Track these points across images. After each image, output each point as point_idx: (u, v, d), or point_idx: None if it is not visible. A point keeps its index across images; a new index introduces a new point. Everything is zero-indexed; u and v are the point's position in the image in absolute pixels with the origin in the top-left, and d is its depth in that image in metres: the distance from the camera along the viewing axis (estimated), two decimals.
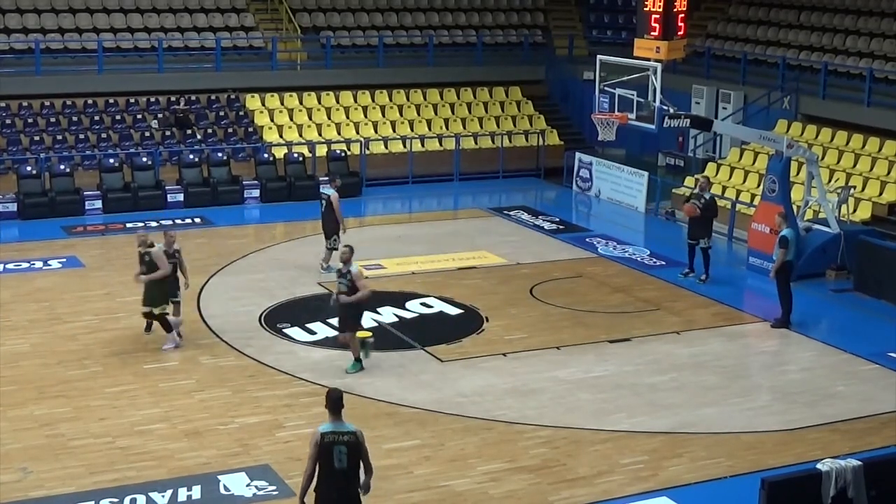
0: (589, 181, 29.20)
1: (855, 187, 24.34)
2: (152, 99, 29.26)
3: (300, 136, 29.70)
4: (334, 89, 31.04)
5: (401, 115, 31.18)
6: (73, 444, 14.11)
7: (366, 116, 30.78)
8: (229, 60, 30.35)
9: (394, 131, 30.55)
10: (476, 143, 30.91)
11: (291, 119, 30.14)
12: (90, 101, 28.70)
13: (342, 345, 17.00)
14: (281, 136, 29.53)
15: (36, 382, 16.05)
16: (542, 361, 17.41)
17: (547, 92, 33.84)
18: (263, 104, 30.23)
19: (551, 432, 14.88)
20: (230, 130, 29.27)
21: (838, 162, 26.16)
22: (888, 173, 24.99)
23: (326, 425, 10.53)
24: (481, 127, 31.54)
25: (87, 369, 16.60)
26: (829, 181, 25.04)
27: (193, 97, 29.62)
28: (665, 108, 22.02)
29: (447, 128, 31.13)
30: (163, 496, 12.88)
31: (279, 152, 28.50)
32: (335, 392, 10.64)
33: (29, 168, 26.01)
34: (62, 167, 26.26)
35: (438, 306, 19.88)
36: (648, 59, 22.96)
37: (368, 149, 29.57)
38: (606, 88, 22.84)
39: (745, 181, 26.91)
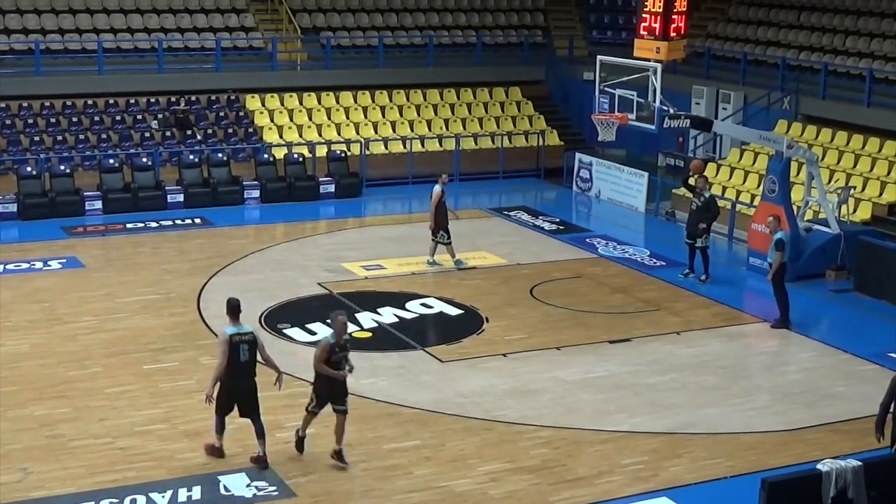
0: (589, 181, 29.20)
1: (855, 187, 24.34)
2: (152, 99, 29.26)
3: (300, 136, 29.70)
4: (334, 90, 31.04)
5: (401, 115, 31.19)
6: (74, 445, 14.12)
7: (366, 117, 30.78)
8: (229, 61, 30.35)
9: (394, 132, 30.55)
10: (476, 143, 30.91)
11: (291, 119, 30.14)
12: (90, 102, 28.70)
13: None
14: (281, 137, 29.53)
15: (36, 383, 16.06)
16: (543, 362, 17.41)
17: (547, 92, 33.84)
18: (263, 105, 30.23)
19: (551, 433, 14.88)
20: (230, 131, 29.27)
21: (838, 162, 26.16)
22: (888, 173, 24.99)
23: (231, 328, 13.31)
24: (481, 127, 31.55)
25: (88, 370, 16.61)
26: (829, 181, 25.05)
27: (193, 97, 29.62)
28: (665, 108, 22.02)
29: (447, 128, 31.13)
30: (163, 496, 12.89)
31: (279, 153, 28.50)
32: (234, 300, 13.46)
33: (29, 168, 26.01)
34: (62, 168, 26.25)
35: (438, 307, 19.89)
36: (648, 60, 22.96)
37: (368, 149, 29.57)
38: (606, 89, 22.84)
39: (745, 181, 26.91)
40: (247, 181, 27.46)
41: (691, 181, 22.35)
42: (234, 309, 13.46)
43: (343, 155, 28.79)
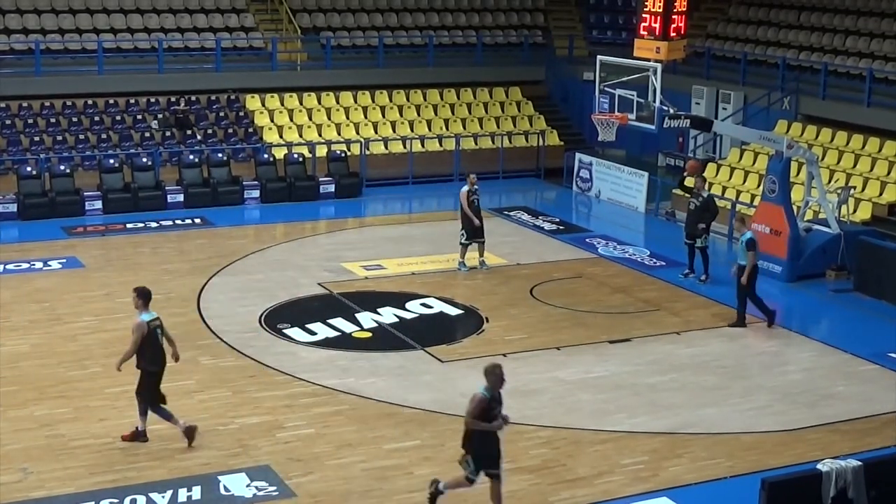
0: (589, 181, 29.21)
1: (855, 187, 24.34)
2: (152, 99, 29.27)
3: (300, 136, 29.70)
4: (334, 90, 31.04)
5: (401, 115, 31.19)
6: (74, 445, 14.11)
7: (366, 117, 30.79)
8: (229, 61, 30.35)
9: (394, 132, 30.56)
10: (476, 143, 30.92)
11: (291, 119, 30.14)
12: (90, 102, 28.70)
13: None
14: (281, 137, 29.54)
15: (36, 383, 16.05)
16: (542, 362, 17.41)
17: (547, 92, 33.84)
18: (263, 105, 30.24)
19: (551, 433, 14.88)
20: (230, 131, 29.27)
21: (838, 162, 26.16)
22: (888, 173, 24.99)
23: (146, 315, 13.86)
24: (481, 127, 31.55)
25: (87, 370, 16.61)
26: (829, 181, 25.05)
27: (193, 97, 29.62)
28: (665, 108, 22.02)
29: (447, 128, 31.14)
30: (163, 496, 12.89)
31: (279, 153, 28.50)
32: (145, 287, 14.04)
33: (29, 168, 26.01)
34: (62, 167, 26.26)
35: (438, 307, 19.88)
36: (648, 60, 22.97)
37: (368, 149, 29.57)
38: (606, 89, 22.84)
39: (745, 181, 26.92)
40: (247, 181, 27.46)
41: (687, 182, 22.31)
42: (147, 295, 13.98)
43: (343, 155, 28.79)
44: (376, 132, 30.38)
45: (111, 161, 26.81)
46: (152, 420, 14.88)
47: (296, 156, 28.38)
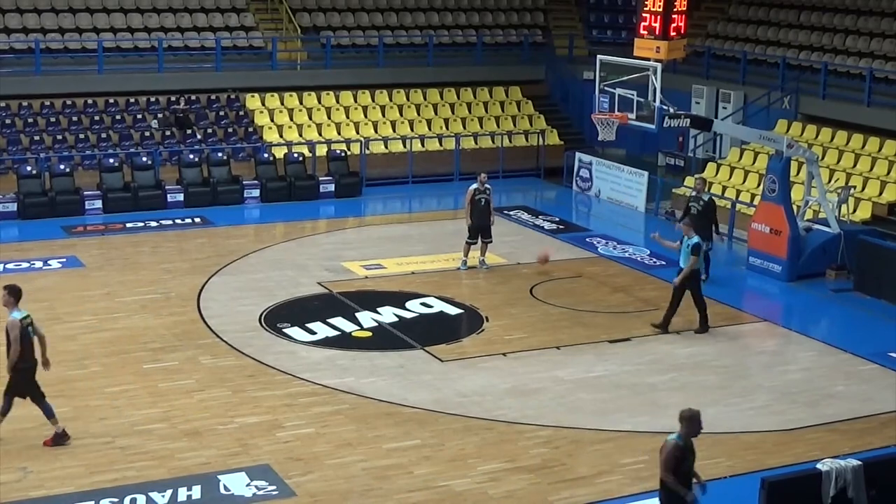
0: (589, 181, 29.20)
1: (855, 187, 24.34)
2: (152, 99, 29.27)
3: (300, 135, 29.70)
4: (334, 89, 31.04)
5: (401, 115, 31.19)
6: (73, 444, 14.10)
7: (366, 116, 30.79)
8: (229, 60, 30.35)
9: (394, 131, 30.55)
10: (476, 142, 30.91)
11: (291, 119, 30.14)
12: (90, 101, 28.70)
13: None
14: (281, 136, 29.53)
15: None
16: (542, 361, 17.41)
17: (547, 92, 33.84)
18: (263, 104, 30.24)
19: (551, 432, 14.88)
20: (230, 130, 29.27)
21: (838, 162, 26.16)
22: (888, 173, 24.99)
23: (17, 313, 13.82)
24: (481, 127, 31.55)
25: (87, 369, 16.61)
26: (829, 181, 25.05)
27: (193, 97, 29.62)
28: (665, 108, 22.01)
29: (447, 128, 31.13)
30: (163, 496, 12.89)
31: (279, 152, 28.50)
32: (17, 286, 14.04)
33: (29, 168, 26.01)
34: (62, 167, 26.26)
35: (438, 306, 19.88)
36: (648, 59, 22.96)
37: (368, 149, 29.57)
38: (606, 88, 22.83)
39: (745, 181, 26.91)
40: (247, 181, 27.46)
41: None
42: (18, 293, 14.00)
43: (343, 154, 28.79)
44: (376, 132, 30.38)
45: (111, 160, 26.81)
46: (152, 419, 14.90)
47: (296, 155, 28.38)
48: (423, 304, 19.92)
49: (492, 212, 22.08)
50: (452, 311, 19.71)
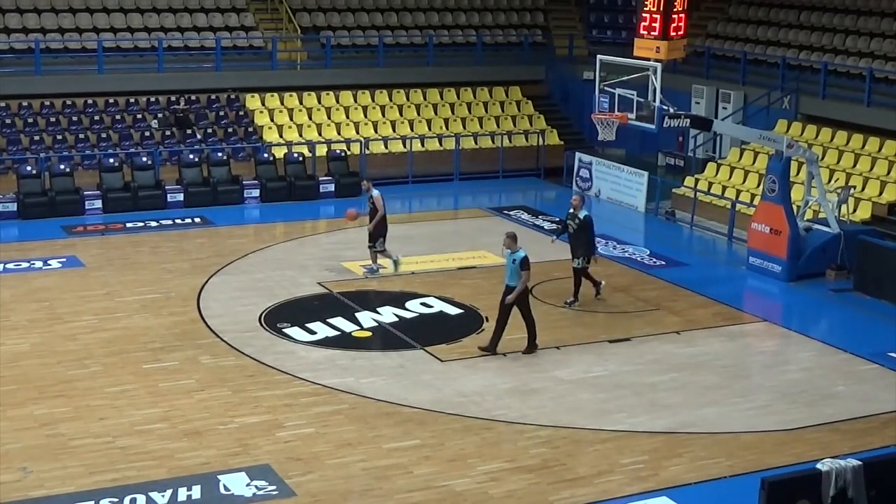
0: (589, 181, 29.21)
1: (855, 187, 24.34)
2: (152, 99, 29.27)
3: (300, 135, 29.70)
4: (334, 89, 31.04)
5: (401, 115, 31.19)
6: (73, 444, 14.11)
7: (366, 116, 30.79)
8: (229, 60, 30.35)
9: (394, 131, 30.55)
10: (476, 142, 30.91)
11: (291, 119, 30.14)
12: (90, 101, 28.70)
13: None
14: (281, 136, 29.53)
15: (36, 382, 16.05)
16: (542, 361, 17.41)
17: (547, 92, 33.84)
18: (263, 104, 30.24)
19: (551, 432, 14.88)
20: (230, 130, 29.27)
21: (838, 162, 26.17)
22: (888, 173, 24.99)
23: None
24: (481, 127, 31.55)
25: (87, 369, 16.60)
26: (829, 181, 25.05)
27: (193, 97, 29.62)
28: (665, 108, 22.02)
29: (447, 128, 31.14)
30: (163, 496, 12.88)
31: (279, 152, 28.50)
32: None
33: (29, 168, 26.01)
34: (62, 167, 26.26)
35: (438, 306, 19.89)
36: (648, 59, 22.96)
37: (368, 149, 29.57)
38: (606, 88, 22.83)
39: (745, 181, 26.92)
40: (247, 180, 27.46)
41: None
42: None
43: (343, 154, 28.79)
44: (376, 131, 30.38)
45: (111, 160, 26.81)
46: (152, 419, 14.91)
47: (296, 155, 28.38)
48: (423, 304, 19.92)
49: (373, 219, 21.52)
50: (452, 311, 19.71)
